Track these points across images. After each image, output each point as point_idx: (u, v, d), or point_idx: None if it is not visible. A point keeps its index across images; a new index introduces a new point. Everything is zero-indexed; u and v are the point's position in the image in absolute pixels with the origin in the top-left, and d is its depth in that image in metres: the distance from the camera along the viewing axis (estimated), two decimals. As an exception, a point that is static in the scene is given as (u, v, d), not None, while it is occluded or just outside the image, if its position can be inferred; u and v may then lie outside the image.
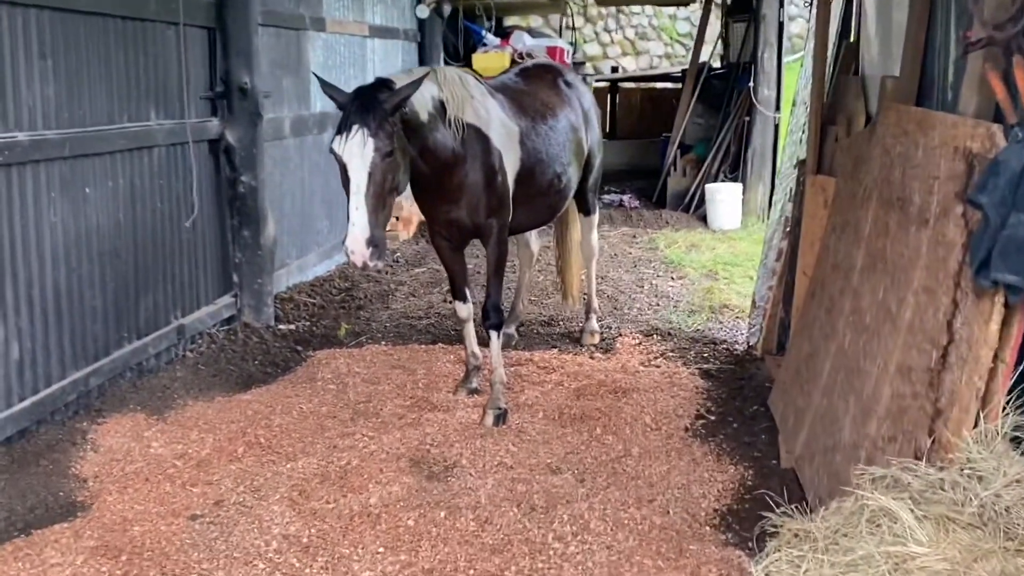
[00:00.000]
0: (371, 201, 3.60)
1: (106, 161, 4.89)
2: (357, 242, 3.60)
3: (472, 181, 4.29)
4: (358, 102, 3.69)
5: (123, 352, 5.11)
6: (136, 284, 5.21)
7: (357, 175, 3.60)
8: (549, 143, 4.89)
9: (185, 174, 5.59)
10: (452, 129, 4.20)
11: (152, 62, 5.28)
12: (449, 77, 4.30)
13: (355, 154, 3.61)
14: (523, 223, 4.91)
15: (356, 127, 3.62)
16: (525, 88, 5.14)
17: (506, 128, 4.48)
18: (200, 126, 5.80)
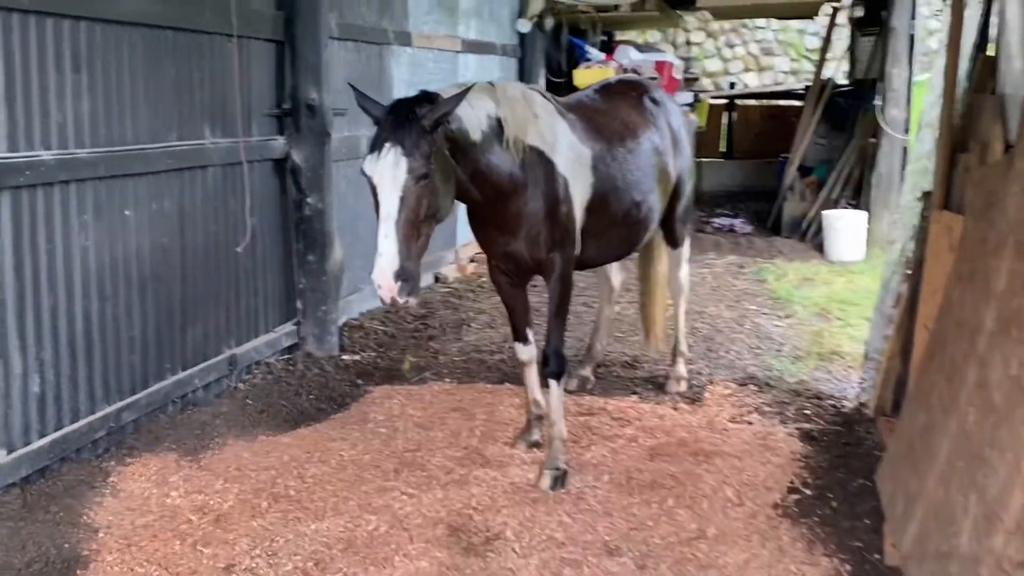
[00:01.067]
0: (402, 229, 3.19)
1: (150, 182, 4.59)
2: (384, 275, 3.16)
3: (532, 210, 3.83)
4: (392, 117, 3.29)
5: (164, 384, 4.78)
6: (183, 312, 4.91)
7: (387, 199, 3.21)
8: (627, 168, 4.38)
9: (243, 196, 5.26)
10: (510, 152, 3.73)
11: (207, 77, 4.97)
12: (510, 94, 3.82)
13: (386, 176, 3.22)
14: (595, 257, 4.41)
15: (388, 145, 3.23)
16: (603, 107, 4.62)
17: (575, 151, 4.02)
18: (263, 145, 5.49)
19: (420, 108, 3.34)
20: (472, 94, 3.59)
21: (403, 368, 5.80)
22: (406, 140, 3.23)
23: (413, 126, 3.27)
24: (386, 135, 3.26)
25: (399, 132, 3.25)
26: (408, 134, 3.25)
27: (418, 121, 3.29)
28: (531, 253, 3.94)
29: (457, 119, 3.49)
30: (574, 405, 5.06)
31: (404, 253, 3.19)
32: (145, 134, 4.54)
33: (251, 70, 5.32)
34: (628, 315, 6.96)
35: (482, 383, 5.53)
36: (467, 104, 3.54)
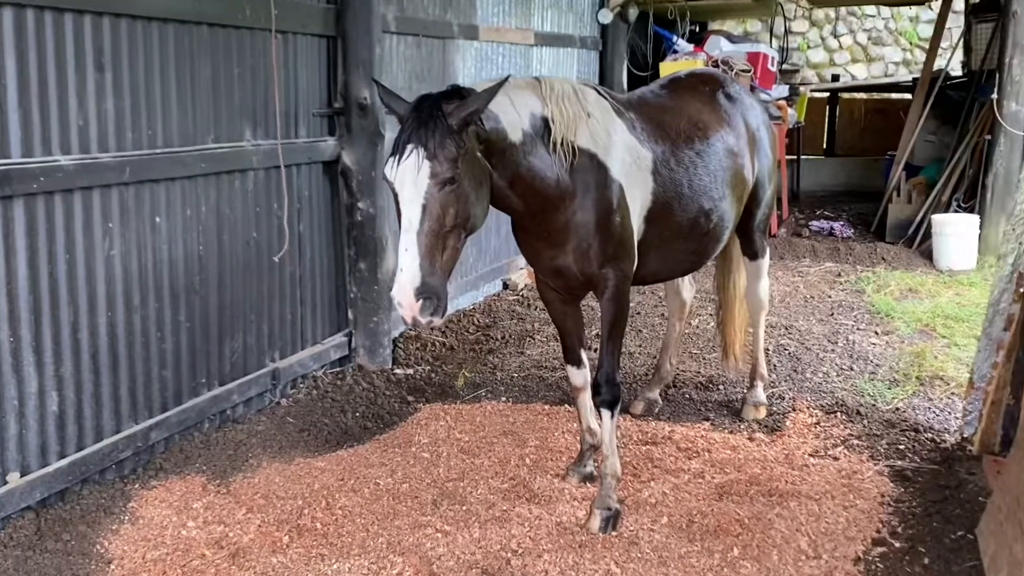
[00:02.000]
0: (425, 240, 2.97)
1: (184, 186, 4.40)
2: (404, 292, 2.95)
3: (581, 221, 3.55)
4: (415, 115, 3.06)
5: (199, 401, 4.59)
6: (220, 324, 4.71)
7: (409, 207, 3.00)
8: (695, 173, 4.03)
9: (290, 201, 5.06)
10: (557, 155, 3.45)
11: (249, 75, 4.77)
12: (559, 89, 3.53)
13: (407, 181, 3.00)
14: (657, 272, 4.13)
15: (410, 147, 3.01)
16: (669, 103, 4.26)
17: (633, 154, 3.75)
18: (311, 146, 5.27)
19: (447, 105, 3.09)
20: (512, 89, 3.36)
21: (457, 385, 5.48)
22: (430, 141, 3.01)
23: (438, 125, 3.03)
24: (407, 135, 3.03)
25: (422, 132, 3.02)
26: (432, 134, 3.01)
27: (444, 119, 3.04)
28: (581, 268, 3.66)
29: (492, 117, 3.25)
30: (637, 432, 4.70)
31: (427, 268, 2.96)
32: (178, 136, 4.36)
33: (298, 67, 5.13)
34: (708, 329, 6.53)
35: (539, 403, 5.20)
36: (506, 100, 3.31)
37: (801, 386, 5.42)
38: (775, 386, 5.37)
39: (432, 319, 3.00)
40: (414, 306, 2.96)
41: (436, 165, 3.00)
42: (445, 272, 3.06)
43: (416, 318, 2.98)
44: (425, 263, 2.96)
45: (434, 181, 3.00)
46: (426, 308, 2.98)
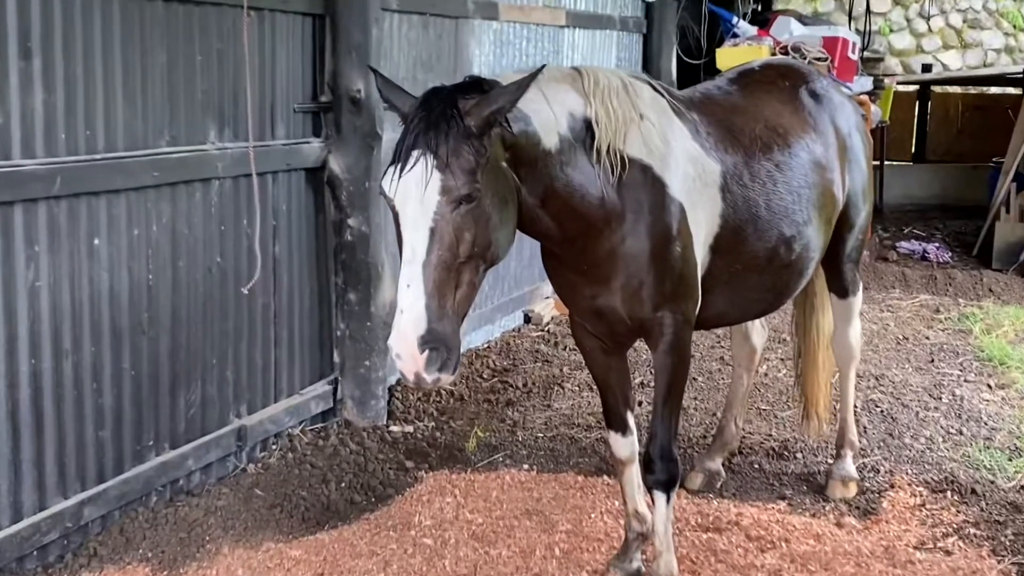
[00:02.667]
0: (433, 275, 2.84)
1: (129, 201, 4.20)
2: (405, 341, 2.79)
3: (632, 250, 3.44)
4: (424, 113, 2.91)
5: (145, 469, 4.39)
6: (173, 371, 4.51)
7: (413, 232, 2.86)
8: (773, 190, 3.89)
9: (264, 217, 4.85)
10: (602, 166, 3.34)
11: (215, 62, 4.58)
12: (605, 84, 3.39)
13: (411, 198, 2.86)
14: (725, 313, 4.00)
15: (416, 154, 2.85)
16: (741, 102, 4.11)
17: (697, 167, 3.63)
18: (291, 150, 5.08)
19: (465, 100, 2.95)
20: (547, 83, 3.22)
21: (467, 447, 5.27)
22: (441, 147, 2.85)
23: (452, 127, 2.88)
24: (413, 139, 2.88)
25: (432, 135, 2.87)
26: (445, 138, 2.86)
27: (460, 119, 2.90)
28: (630, 311, 3.52)
29: (522, 118, 3.11)
30: (695, 514, 4.50)
31: (434, 310, 2.82)
32: (123, 139, 4.16)
33: (277, 52, 4.94)
34: (781, 378, 6.29)
35: (570, 472, 4.99)
36: (539, 97, 3.18)
37: (899, 455, 5.21)
38: (867, 455, 5.15)
39: (440, 376, 2.83)
40: (417, 359, 2.79)
41: (449, 178, 2.85)
42: (458, 316, 2.90)
43: (420, 375, 2.81)
44: (432, 304, 2.81)
45: (446, 198, 2.85)
46: (432, 362, 2.81)
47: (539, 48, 7.39)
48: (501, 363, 6.62)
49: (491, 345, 6.99)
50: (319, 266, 5.36)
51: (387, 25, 5.59)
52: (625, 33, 8.84)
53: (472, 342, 6.88)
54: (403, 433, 5.46)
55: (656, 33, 9.26)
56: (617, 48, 8.72)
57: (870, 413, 5.74)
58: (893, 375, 6.42)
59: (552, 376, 6.38)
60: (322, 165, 5.26)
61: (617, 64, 8.64)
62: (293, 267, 5.16)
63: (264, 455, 5.03)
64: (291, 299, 5.18)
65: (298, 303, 5.25)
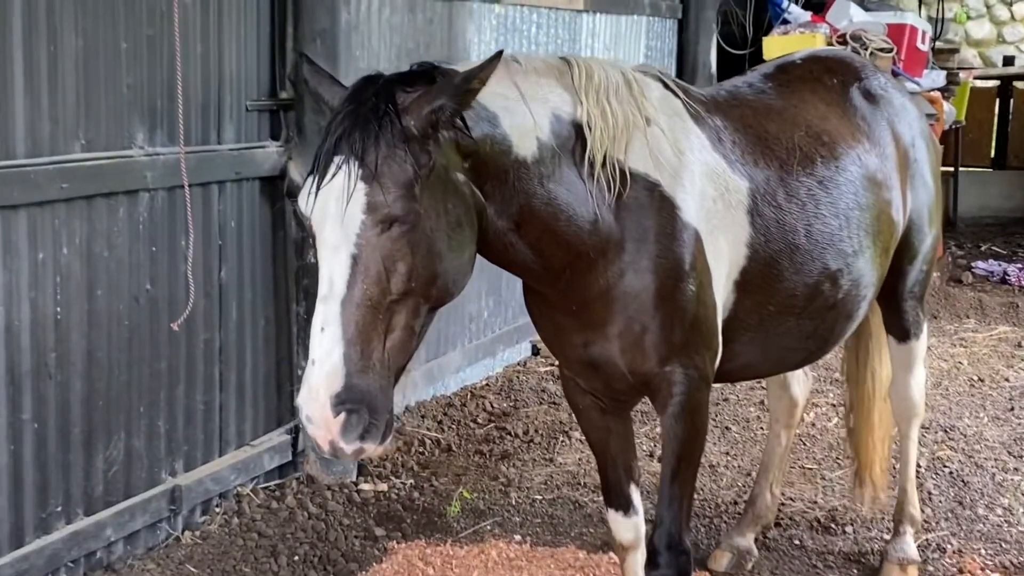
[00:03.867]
0: (355, 315, 2.59)
1: (32, 217, 3.89)
2: (316, 400, 2.53)
3: (632, 288, 3.19)
4: (352, 108, 2.67)
5: (51, 540, 4.11)
6: (89, 422, 4.19)
7: (331, 260, 2.63)
8: (816, 214, 3.59)
9: (204, 235, 4.60)
10: (596, 181, 3.09)
11: (143, 50, 4.27)
12: (601, 78, 3.14)
13: (329, 216, 2.62)
14: (754, 365, 3.74)
15: (338, 161, 2.61)
16: (777, 103, 3.80)
17: (718, 184, 3.38)
18: (242, 156, 4.79)
19: (405, 93, 2.70)
20: (525, 74, 3.02)
21: (450, 511, 4.94)
22: (368, 152, 2.59)
23: (385, 126, 2.63)
24: (334, 142, 2.64)
25: (357, 137, 2.61)
26: (374, 141, 2.60)
27: (395, 117, 2.64)
28: (631, 364, 3.26)
29: (488, 118, 2.87)
30: None
31: (356, 360, 2.56)
32: (24, 142, 3.84)
33: (224, 38, 4.65)
34: (830, 428, 5.94)
35: (571, 547, 4.64)
36: (512, 92, 2.95)
37: (971, 530, 4.84)
38: (931, 529, 4.79)
39: (363, 446, 2.55)
40: (331, 424, 2.51)
41: (377, 192, 2.58)
42: (390, 369, 2.62)
43: (336, 443, 2.52)
44: (353, 353, 2.55)
45: (373, 218, 2.58)
46: (351, 428, 2.52)
47: (552, 36, 7.12)
48: (500, 404, 6.30)
49: (490, 382, 6.68)
50: (277, 293, 5.09)
51: (363, 7, 5.33)
52: (656, 19, 8.59)
53: (467, 378, 6.61)
54: (375, 493, 5.12)
55: (693, 19, 9.00)
56: (647, 36, 8.46)
57: (936, 475, 5.36)
58: (965, 426, 6.03)
59: (558, 423, 6.03)
60: (281, 173, 4.98)
61: (646, 56, 8.39)
62: (244, 294, 4.88)
63: (204, 520, 4.70)
64: (241, 332, 4.88)
65: (250, 337, 4.96)
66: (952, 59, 11.72)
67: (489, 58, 2.70)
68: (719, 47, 9.22)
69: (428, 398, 6.19)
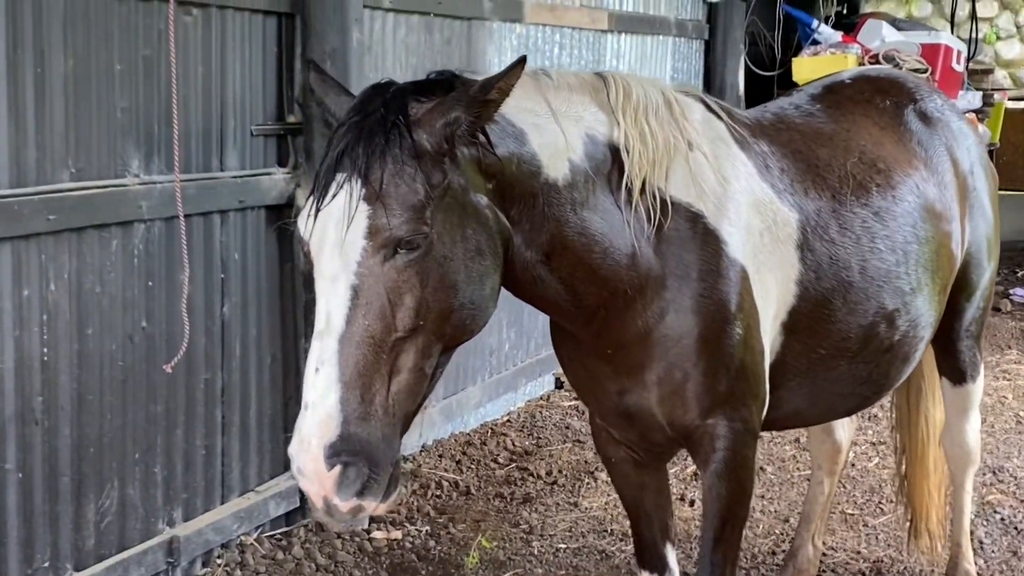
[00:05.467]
0: (356, 354, 2.41)
1: (17, 251, 3.66)
2: (308, 451, 2.32)
3: (673, 330, 3.03)
4: (356, 120, 2.51)
5: None
6: (79, 471, 3.94)
7: (330, 291, 2.46)
8: (871, 248, 3.44)
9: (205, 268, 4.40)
10: (634, 210, 2.95)
11: (139, 72, 4.06)
12: (639, 97, 2.99)
13: (328, 241, 2.46)
14: (802, 412, 3.55)
15: (340, 179, 2.44)
16: (828, 126, 3.63)
17: (766, 215, 3.23)
18: (245, 184, 4.56)
19: (419, 104, 2.54)
20: (556, 90, 2.86)
21: (467, 562, 4.66)
22: (373, 168, 2.43)
23: (393, 140, 2.46)
24: (336, 157, 2.47)
25: (361, 152, 2.45)
26: (379, 156, 2.44)
27: (405, 130, 2.47)
28: (670, 415, 3.08)
29: (515, 135, 2.70)
30: None
31: (354, 406, 2.38)
32: (9, 171, 3.61)
33: (227, 59, 4.44)
34: (871, 469, 5.60)
35: None
36: (543, 108, 2.80)
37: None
38: None
39: (362, 503, 2.34)
40: (324, 478, 2.30)
41: (380, 214, 2.40)
42: (395, 416, 2.43)
43: (330, 500, 2.30)
44: (351, 397, 2.36)
45: (375, 243, 2.41)
46: (349, 483, 2.31)
47: (575, 57, 6.90)
48: (522, 443, 6.02)
49: (511, 419, 6.41)
50: (284, 329, 4.84)
51: (377, 27, 5.14)
52: (683, 39, 8.40)
53: (487, 415, 6.36)
54: (388, 541, 4.83)
55: (720, 39, 8.84)
56: (672, 57, 8.27)
57: (987, 521, 5.02)
58: (1015, 467, 5.68)
59: (583, 463, 5.73)
60: (288, 202, 4.75)
61: (672, 77, 8.19)
62: (248, 331, 4.64)
63: (204, 573, 4.44)
64: (245, 371, 4.63)
65: (255, 376, 4.70)
66: (986, 80, 11.45)
67: (511, 64, 2.49)
68: (747, 69, 9.07)
69: (446, 436, 5.96)
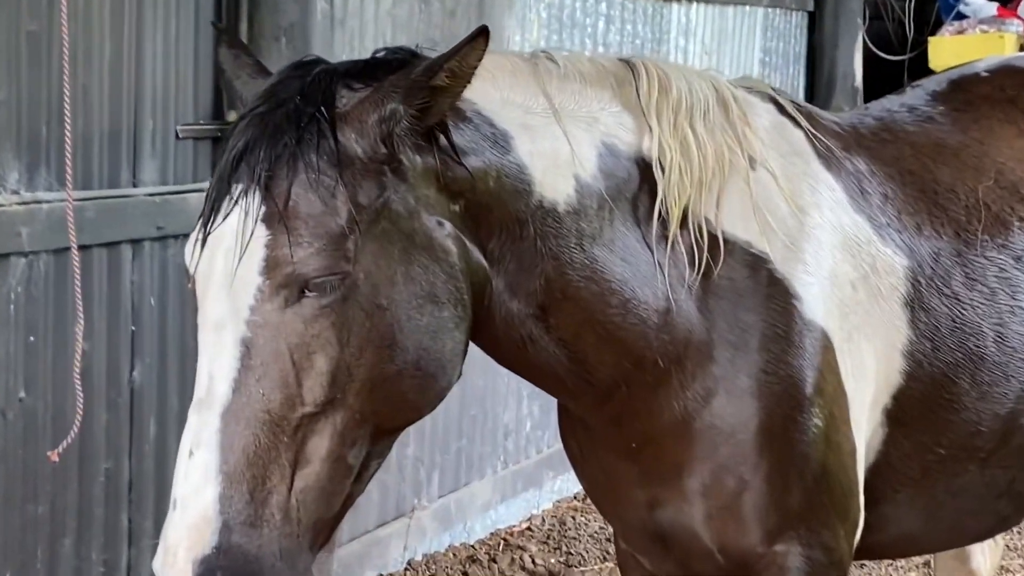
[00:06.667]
0: (244, 436, 2.48)
1: None
2: (172, 563, 2.42)
3: (723, 418, 3.13)
4: (263, 111, 2.63)
5: None
6: None
7: (213, 344, 2.56)
8: (1011, 306, 3.53)
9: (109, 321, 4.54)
10: (670, 249, 3.05)
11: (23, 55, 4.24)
12: (680, 92, 3.10)
13: (215, 277, 2.57)
14: (920, 537, 3.71)
15: (236, 192, 2.55)
16: (949, 136, 3.76)
17: (859, 259, 3.34)
18: (166, 204, 4.75)
19: (351, 91, 2.67)
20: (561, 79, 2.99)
21: None
22: (277, 179, 2.53)
23: (308, 140, 2.57)
24: (233, 159, 2.59)
25: (263, 156, 2.55)
26: (287, 163, 2.55)
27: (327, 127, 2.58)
28: (721, 537, 3.19)
29: (492, 137, 2.82)
30: None
31: (239, 506, 2.45)
32: None
33: (143, 37, 4.63)
34: None
35: None
36: (537, 100, 2.92)
37: None
38: None
39: None
40: None
41: (282, 242, 2.48)
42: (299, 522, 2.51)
43: None
44: (235, 493, 2.44)
45: (273, 281, 2.49)
46: None
47: (626, 34, 7.17)
48: (546, 559, 6.25)
49: (533, 525, 6.65)
50: None
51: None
52: (778, 11, 8.74)
53: (501, 520, 6.59)
54: None
55: (831, 11, 9.22)
56: (764, 34, 8.53)
57: None
58: None
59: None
60: None
61: (763, 62, 8.43)
62: (167, 402, 4.83)
63: None
64: (161, 459, 4.80)
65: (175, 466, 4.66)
66: None
67: (470, 35, 2.56)
68: (867, 51, 9.26)
69: (442, 549, 6.13)
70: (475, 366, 5.33)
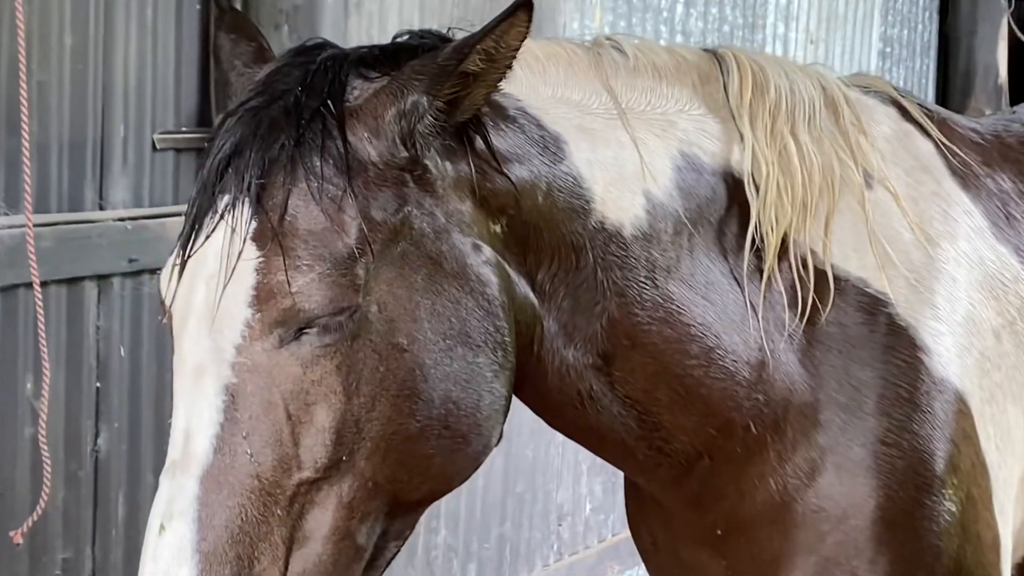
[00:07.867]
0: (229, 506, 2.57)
1: None
2: None
3: (832, 499, 3.19)
4: (257, 104, 2.73)
5: None
6: None
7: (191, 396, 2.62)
8: None
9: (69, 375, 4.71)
10: (762, 287, 3.12)
11: None
12: (781, 90, 3.22)
13: (195, 311, 2.65)
14: None
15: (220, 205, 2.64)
16: None
17: (1004, 302, 3.41)
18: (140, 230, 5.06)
19: (365, 80, 2.75)
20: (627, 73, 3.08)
21: None
22: (272, 189, 2.62)
23: (310, 142, 2.65)
24: (218, 171, 2.67)
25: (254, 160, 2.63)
26: (285, 169, 2.64)
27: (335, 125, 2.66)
28: None
29: (541, 141, 2.90)
30: None
31: None
32: None
33: (114, 27, 4.91)
34: None
35: None
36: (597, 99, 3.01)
37: None
38: None
39: None
40: None
41: (278, 266, 2.55)
42: None
43: None
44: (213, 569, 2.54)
45: (265, 315, 2.56)
46: None
47: (712, 20, 7.39)
48: None
49: None
50: None
51: None
52: None
53: None
54: None
55: None
56: (882, 19, 8.69)
57: None
58: None
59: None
60: None
61: (882, 54, 8.58)
62: (140, 475, 5.14)
63: None
64: (131, 546, 5.02)
65: None
66: None
67: (508, 8, 2.60)
68: (1013, 38, 9.28)
69: None
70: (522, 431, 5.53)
